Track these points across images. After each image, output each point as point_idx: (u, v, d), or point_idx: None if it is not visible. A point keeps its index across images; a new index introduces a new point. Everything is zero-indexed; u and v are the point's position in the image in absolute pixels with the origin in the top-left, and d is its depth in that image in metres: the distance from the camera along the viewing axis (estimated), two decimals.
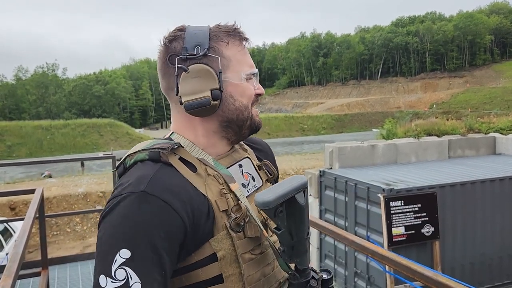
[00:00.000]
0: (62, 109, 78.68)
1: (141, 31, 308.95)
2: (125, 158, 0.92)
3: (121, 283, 0.73)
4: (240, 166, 0.99)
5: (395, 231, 5.53)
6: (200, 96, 0.89)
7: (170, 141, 0.92)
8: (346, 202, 6.53)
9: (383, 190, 5.64)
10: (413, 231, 5.62)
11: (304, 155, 26.46)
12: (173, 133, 0.98)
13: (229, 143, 0.99)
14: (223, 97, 0.92)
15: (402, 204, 5.59)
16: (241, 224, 0.87)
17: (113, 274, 0.73)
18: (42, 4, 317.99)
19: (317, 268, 0.95)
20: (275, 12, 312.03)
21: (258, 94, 0.98)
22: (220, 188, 0.89)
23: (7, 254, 7.52)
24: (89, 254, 5.18)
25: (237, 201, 0.89)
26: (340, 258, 6.73)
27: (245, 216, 0.88)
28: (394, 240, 5.51)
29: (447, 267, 5.87)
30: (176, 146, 0.90)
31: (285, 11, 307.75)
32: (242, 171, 0.99)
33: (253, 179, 1.01)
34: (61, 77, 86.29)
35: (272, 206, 0.71)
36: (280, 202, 0.72)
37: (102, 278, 0.74)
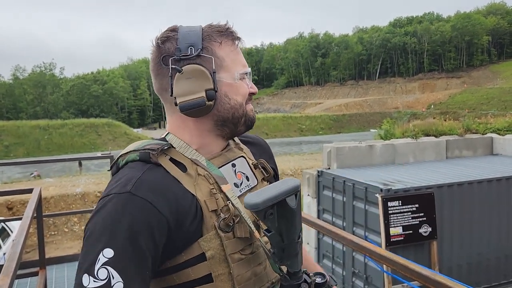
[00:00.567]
0: (60, 108, 78.48)
1: (139, 30, 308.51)
2: (118, 158, 0.93)
3: (103, 282, 0.73)
4: (234, 165, 0.99)
5: (392, 231, 5.54)
6: (195, 97, 0.89)
7: (162, 142, 0.93)
8: (344, 202, 6.54)
9: (381, 190, 5.65)
10: (411, 231, 5.63)
11: (302, 155, 26.49)
12: (168, 133, 0.98)
13: (224, 140, 1.00)
14: (218, 96, 0.92)
15: (400, 204, 5.60)
16: (230, 224, 0.87)
17: (96, 273, 0.74)
18: (39, 3, 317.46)
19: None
20: (273, 12, 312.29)
21: (251, 93, 0.98)
22: (210, 188, 0.89)
23: (4, 253, 7.50)
24: None
25: (227, 201, 0.90)
26: (338, 258, 6.75)
27: (235, 216, 0.88)
28: (392, 240, 5.53)
29: (444, 267, 5.88)
30: (166, 147, 0.91)
31: (283, 11, 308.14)
32: (235, 170, 0.99)
33: (247, 178, 1.01)
34: (58, 77, 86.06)
35: (261, 208, 0.71)
36: (270, 205, 0.71)
37: (85, 277, 0.74)
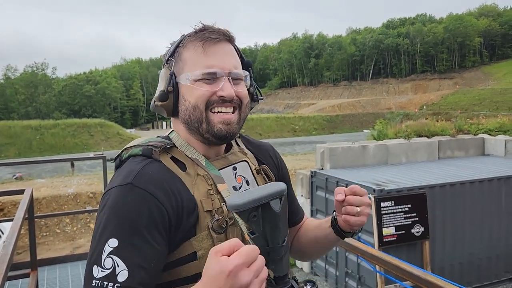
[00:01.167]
0: (52, 109, 77.82)
1: (133, 31, 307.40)
2: (122, 151, 0.96)
3: (109, 271, 0.76)
4: (235, 168, 1.00)
5: (385, 231, 5.57)
6: (154, 98, 0.96)
7: (165, 141, 0.95)
8: None
9: (374, 190, 5.68)
10: (403, 231, 5.66)
11: (296, 155, 26.50)
12: (172, 131, 1.01)
13: (207, 146, 0.98)
14: (180, 98, 0.95)
15: (393, 204, 5.63)
16: (223, 226, 0.88)
17: (102, 263, 0.77)
18: (31, 2, 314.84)
19: (307, 269, 0.96)
20: (267, 13, 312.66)
21: (220, 96, 0.93)
22: (208, 189, 0.90)
23: None
24: (79, 255, 5.13)
25: (222, 203, 0.90)
26: (331, 258, 6.76)
27: (229, 219, 0.89)
28: (384, 240, 5.55)
29: (436, 267, 5.93)
30: (169, 146, 0.93)
31: (277, 12, 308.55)
32: (235, 173, 0.99)
33: (248, 182, 1.01)
34: (50, 77, 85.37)
35: (242, 209, 0.71)
36: (253, 207, 0.72)
37: (95, 268, 0.77)
